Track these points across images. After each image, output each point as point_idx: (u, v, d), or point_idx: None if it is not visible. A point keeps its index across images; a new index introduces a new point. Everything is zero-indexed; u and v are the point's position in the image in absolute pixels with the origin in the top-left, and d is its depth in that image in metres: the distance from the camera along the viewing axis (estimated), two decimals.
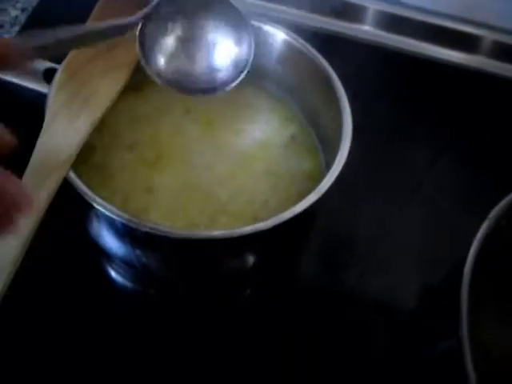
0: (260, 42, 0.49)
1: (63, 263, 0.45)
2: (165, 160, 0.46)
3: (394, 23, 0.65)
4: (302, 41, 0.48)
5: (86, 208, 0.38)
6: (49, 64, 0.43)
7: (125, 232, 0.38)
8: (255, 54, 0.49)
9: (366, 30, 0.66)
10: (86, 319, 0.44)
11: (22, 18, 0.59)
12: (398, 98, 0.59)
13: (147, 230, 0.36)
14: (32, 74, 0.43)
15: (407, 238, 0.51)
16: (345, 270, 0.49)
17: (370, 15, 0.66)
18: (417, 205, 0.53)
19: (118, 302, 0.46)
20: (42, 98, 0.43)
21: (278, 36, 0.48)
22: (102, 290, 0.46)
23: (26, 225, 0.34)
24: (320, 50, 0.48)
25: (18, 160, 0.37)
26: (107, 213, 0.37)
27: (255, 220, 0.44)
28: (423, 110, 0.59)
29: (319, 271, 0.49)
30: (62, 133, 0.39)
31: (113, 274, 0.47)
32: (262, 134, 0.49)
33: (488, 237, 0.34)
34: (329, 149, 0.47)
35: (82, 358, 0.42)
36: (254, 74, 0.51)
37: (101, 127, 0.47)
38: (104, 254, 0.46)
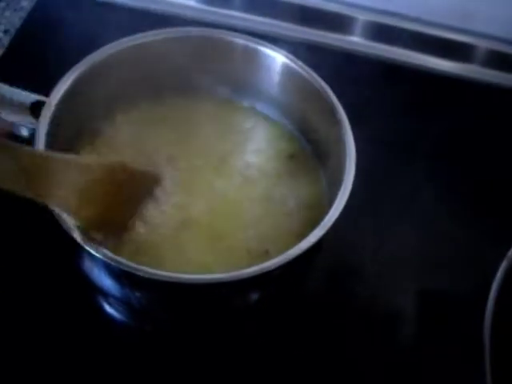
0: (258, 65, 0.48)
1: (58, 299, 0.44)
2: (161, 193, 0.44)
3: (385, 33, 0.64)
4: (300, 62, 0.46)
5: (80, 249, 0.36)
6: (36, 96, 0.41)
7: (121, 275, 0.37)
8: (253, 76, 0.48)
9: (356, 41, 0.64)
10: (80, 355, 0.42)
11: (6, 41, 0.57)
12: (395, 110, 0.58)
13: (143, 274, 0.34)
14: (18, 108, 0.40)
15: (414, 261, 0.49)
16: (352, 295, 0.47)
17: (359, 26, 0.64)
18: (420, 223, 0.51)
19: (114, 339, 0.44)
20: (30, 133, 0.41)
21: (277, 58, 0.47)
22: (97, 326, 0.44)
23: None
24: (310, 63, 0.46)
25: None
26: (102, 257, 0.35)
27: (249, 252, 0.42)
28: (421, 121, 0.58)
29: (326, 298, 0.47)
30: None
31: (109, 310, 0.45)
32: (260, 156, 0.48)
33: (507, 275, 0.33)
34: (329, 169, 0.46)
35: None
36: (251, 96, 0.50)
37: None
38: (99, 292, 0.44)
